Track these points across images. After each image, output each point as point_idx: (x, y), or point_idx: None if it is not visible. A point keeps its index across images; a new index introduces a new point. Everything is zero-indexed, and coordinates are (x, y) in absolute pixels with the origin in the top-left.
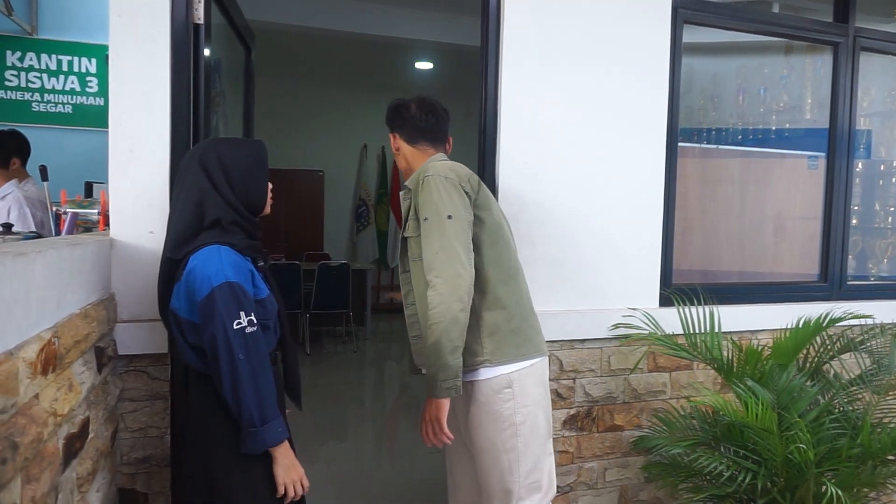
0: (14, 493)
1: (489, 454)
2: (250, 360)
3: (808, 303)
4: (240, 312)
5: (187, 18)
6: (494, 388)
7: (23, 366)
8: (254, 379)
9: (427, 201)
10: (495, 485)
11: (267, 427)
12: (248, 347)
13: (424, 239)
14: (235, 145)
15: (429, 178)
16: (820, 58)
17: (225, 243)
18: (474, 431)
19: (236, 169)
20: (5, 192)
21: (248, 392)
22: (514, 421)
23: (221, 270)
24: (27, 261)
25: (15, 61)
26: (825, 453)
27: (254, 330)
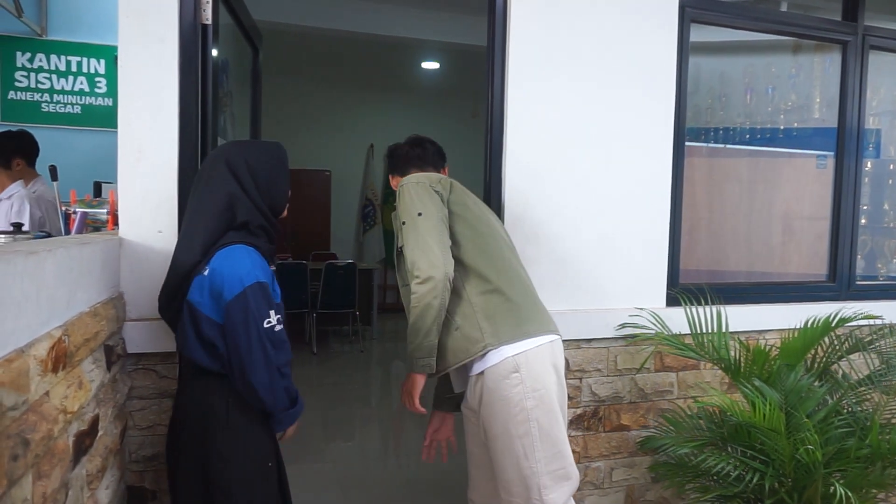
0: (25, 489)
1: (503, 441)
2: (279, 355)
3: (817, 303)
4: (269, 311)
5: (195, 19)
6: (502, 374)
7: (34, 363)
8: (284, 372)
9: (402, 206)
10: (512, 474)
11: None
12: (275, 343)
13: (405, 242)
14: (259, 148)
15: (402, 188)
16: (828, 56)
17: (251, 245)
18: (488, 420)
19: (262, 172)
20: (10, 193)
21: (281, 384)
22: (525, 406)
23: (253, 271)
24: (38, 259)
25: (25, 62)
26: (833, 454)
27: (281, 328)
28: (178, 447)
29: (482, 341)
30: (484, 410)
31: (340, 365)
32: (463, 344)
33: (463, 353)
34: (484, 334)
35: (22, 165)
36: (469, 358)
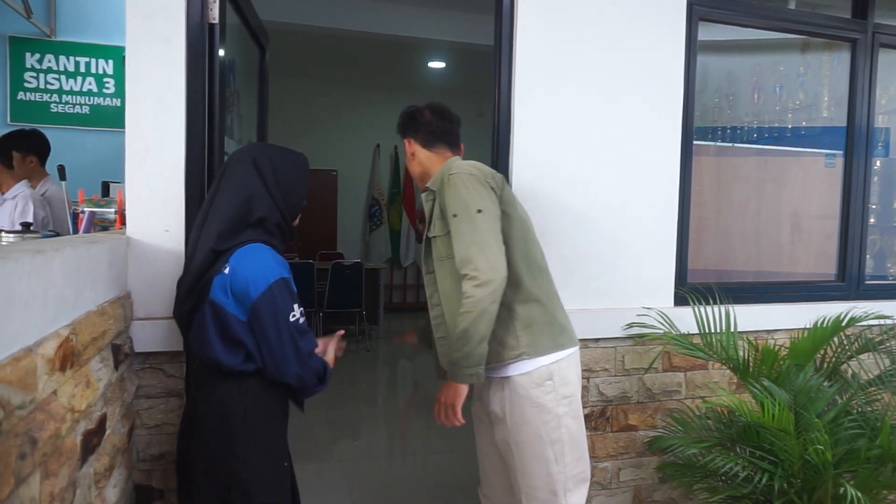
0: (33, 487)
1: (535, 447)
2: (307, 345)
3: (826, 302)
4: (293, 305)
5: (202, 19)
6: (536, 381)
7: (41, 362)
8: (312, 357)
9: (454, 198)
10: (539, 479)
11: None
12: (302, 334)
13: (455, 235)
14: (285, 153)
15: (453, 177)
16: (837, 55)
17: (268, 243)
18: (516, 426)
19: (285, 174)
20: (15, 193)
21: (312, 370)
22: (558, 412)
23: (276, 268)
24: (45, 258)
25: (34, 63)
26: (843, 454)
27: (304, 319)
28: (192, 447)
29: (517, 349)
30: (512, 416)
31: (347, 364)
32: (495, 348)
33: (493, 357)
34: (520, 343)
35: (35, 163)
36: (499, 363)
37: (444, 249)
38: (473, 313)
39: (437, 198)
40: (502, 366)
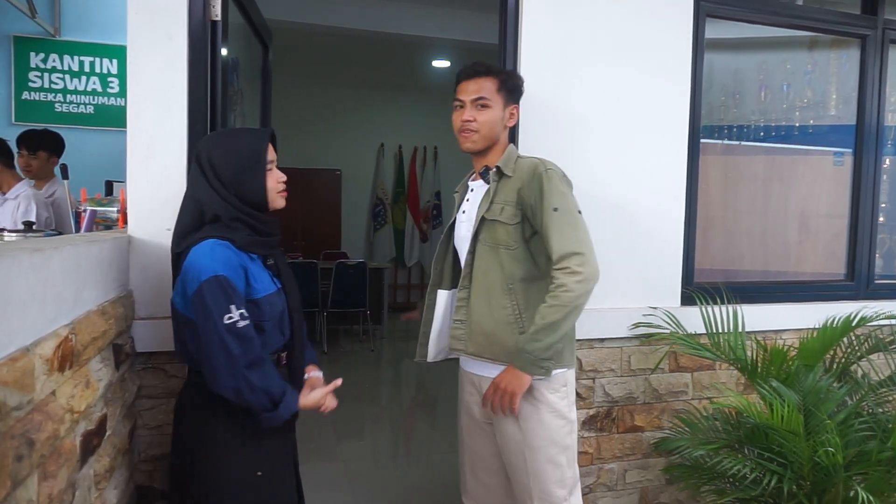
0: (31, 489)
1: (549, 451)
2: (245, 352)
3: (835, 302)
4: (230, 306)
5: (204, 16)
6: (555, 387)
7: (39, 362)
8: (255, 370)
9: (555, 192)
10: (552, 482)
11: (281, 408)
12: (241, 341)
13: (553, 228)
14: (228, 139)
15: (552, 171)
16: (845, 52)
17: (225, 238)
18: (532, 430)
19: (227, 164)
20: (17, 193)
21: (253, 384)
22: (571, 418)
23: (211, 265)
24: (44, 257)
25: (38, 63)
26: (854, 456)
27: (246, 323)
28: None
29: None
30: (528, 420)
31: (351, 364)
32: None
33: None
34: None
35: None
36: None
37: (504, 237)
38: (568, 308)
39: (519, 185)
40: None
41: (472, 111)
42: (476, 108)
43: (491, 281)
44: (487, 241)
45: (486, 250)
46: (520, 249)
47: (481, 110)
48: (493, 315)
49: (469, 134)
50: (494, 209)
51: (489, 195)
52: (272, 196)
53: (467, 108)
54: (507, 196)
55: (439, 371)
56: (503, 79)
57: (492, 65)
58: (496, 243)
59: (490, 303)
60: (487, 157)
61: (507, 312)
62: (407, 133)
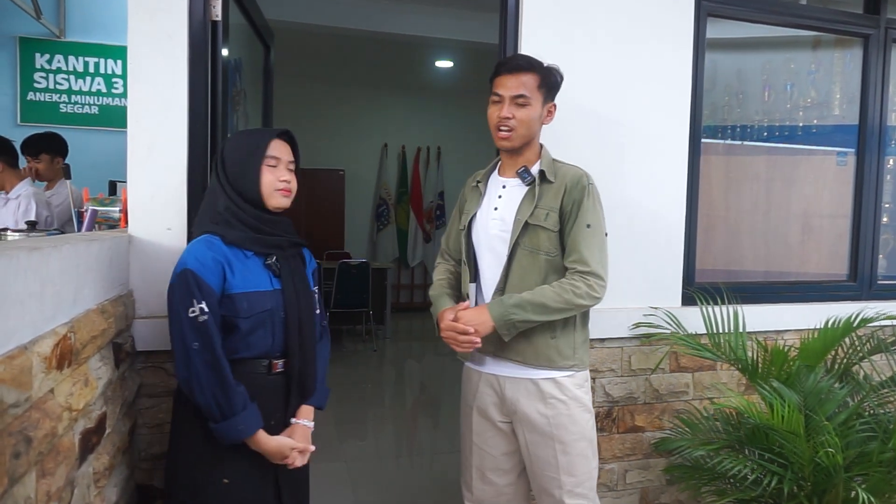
0: (28, 487)
1: (581, 444)
2: (204, 349)
3: (837, 303)
4: (192, 300)
5: (205, 16)
6: (579, 383)
7: (37, 360)
8: (212, 370)
9: (593, 210)
10: (585, 475)
11: (228, 423)
12: (201, 336)
13: (585, 243)
14: (240, 135)
15: (594, 188)
16: (849, 52)
17: (216, 234)
18: (563, 427)
19: (232, 160)
20: (18, 192)
21: (204, 384)
22: (593, 413)
23: (184, 260)
24: (42, 255)
25: (44, 63)
26: (855, 457)
27: (206, 319)
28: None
29: (572, 360)
30: (558, 417)
31: (353, 364)
32: (551, 353)
33: (545, 360)
34: (576, 355)
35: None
36: (548, 367)
37: (546, 243)
38: (568, 307)
39: (564, 194)
40: (550, 369)
41: (511, 108)
42: (515, 105)
43: (528, 286)
44: (528, 246)
45: (526, 254)
46: (559, 256)
47: (520, 108)
48: None
49: (507, 133)
50: (539, 214)
51: (532, 199)
52: (268, 192)
53: (506, 105)
54: (551, 202)
55: (442, 371)
56: (544, 74)
57: (533, 59)
58: (537, 249)
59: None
60: (523, 155)
61: None
62: (410, 133)
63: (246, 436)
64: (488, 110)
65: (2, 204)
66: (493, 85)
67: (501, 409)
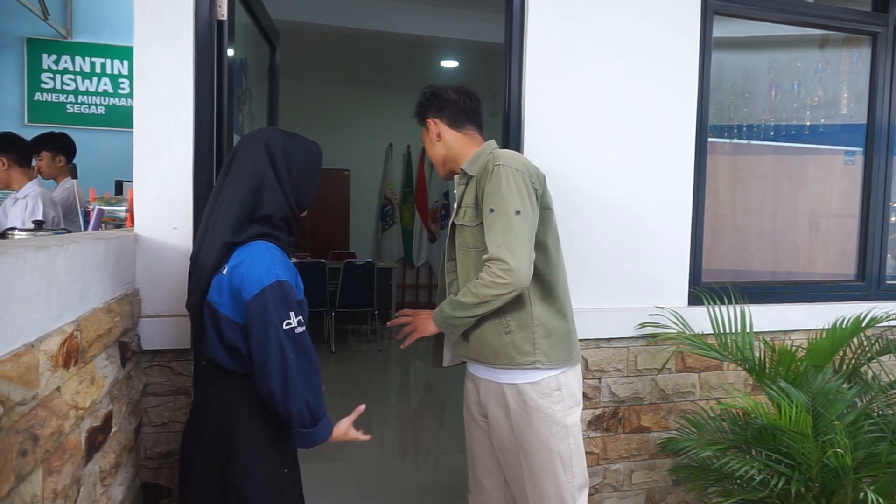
0: (35, 484)
1: (543, 457)
2: (300, 360)
3: (845, 303)
4: (289, 312)
5: (211, 15)
6: (545, 391)
7: (44, 358)
8: (305, 379)
9: (495, 191)
10: (549, 487)
11: (318, 427)
12: (297, 347)
13: (488, 230)
14: (299, 140)
15: (500, 168)
16: (857, 50)
17: (272, 239)
18: (524, 435)
19: (298, 162)
20: (26, 192)
21: (301, 393)
22: (566, 423)
23: (273, 269)
24: (49, 254)
25: (51, 64)
26: (863, 458)
27: (303, 330)
28: (196, 446)
29: (532, 356)
30: (520, 425)
31: (358, 363)
32: (509, 350)
33: (505, 359)
34: (537, 351)
35: (63, 163)
36: (509, 367)
37: (471, 239)
38: (479, 300)
39: (476, 184)
40: (511, 370)
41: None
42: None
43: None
44: (461, 246)
45: (463, 253)
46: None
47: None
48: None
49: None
50: (460, 213)
51: (458, 200)
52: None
53: None
54: (468, 199)
55: (447, 371)
56: (417, 111)
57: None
58: (467, 247)
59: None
60: (456, 167)
61: (492, 313)
62: (415, 133)
63: (328, 436)
64: None
65: (11, 203)
66: None
67: (479, 409)
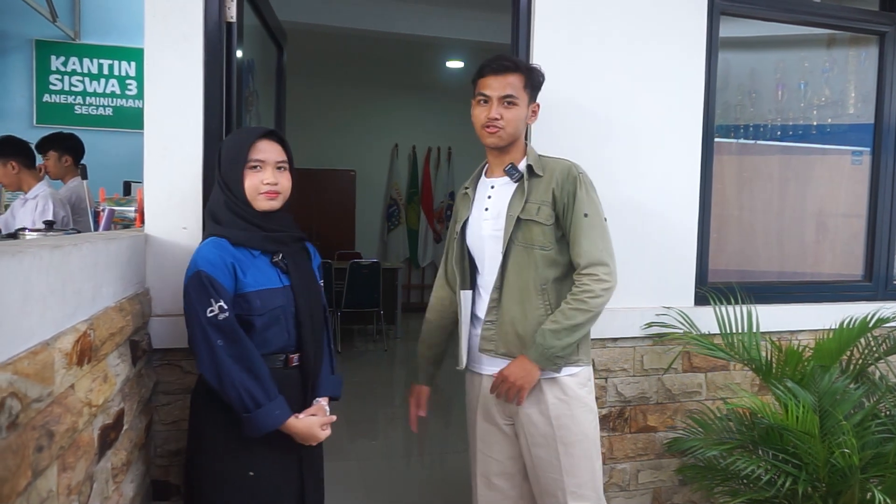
0: (50, 480)
1: (584, 445)
2: (231, 345)
3: (852, 303)
4: (209, 300)
5: (220, 17)
6: (582, 382)
7: (58, 356)
8: (239, 363)
9: (587, 198)
10: (587, 475)
11: (262, 411)
12: (225, 333)
13: (582, 234)
14: (231, 136)
15: (584, 176)
16: (864, 50)
17: (221, 236)
18: (565, 427)
19: (225, 160)
20: (36, 193)
21: (234, 377)
22: (596, 411)
23: (195, 261)
24: (63, 254)
25: (59, 66)
26: (871, 458)
27: (226, 316)
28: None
29: (577, 355)
30: (560, 417)
31: (364, 363)
32: None
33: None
34: (580, 351)
35: (69, 163)
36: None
37: (540, 237)
38: (593, 312)
39: (554, 185)
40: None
41: (500, 109)
42: (503, 105)
43: (525, 282)
44: (521, 242)
45: (520, 251)
46: (553, 250)
47: (508, 108)
48: (526, 316)
49: (496, 130)
50: (530, 209)
51: (522, 195)
52: (251, 195)
53: (493, 105)
54: (541, 196)
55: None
56: (529, 75)
57: (518, 59)
58: (531, 244)
59: (524, 304)
60: (510, 153)
61: (541, 313)
62: (421, 134)
63: (282, 420)
64: (473, 111)
65: (20, 204)
66: (477, 86)
67: (504, 410)
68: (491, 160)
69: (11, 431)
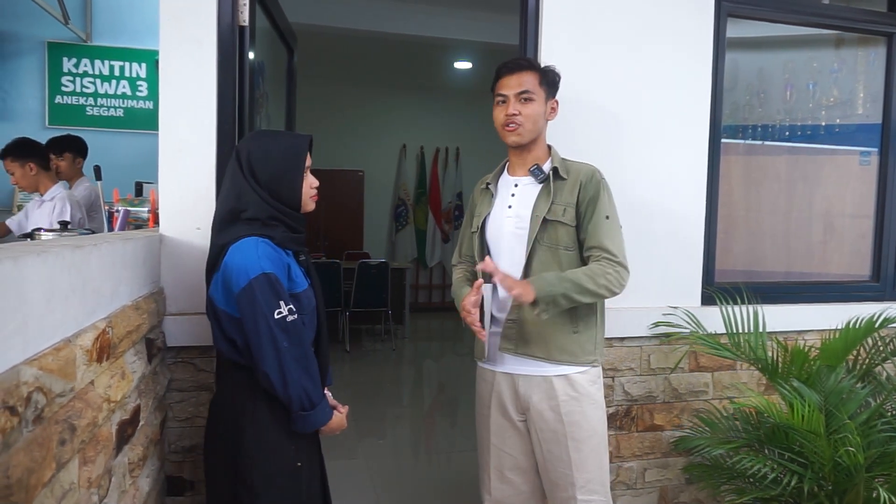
0: (72, 472)
1: (593, 441)
2: (294, 347)
3: (859, 303)
4: (279, 302)
5: (233, 21)
6: (592, 379)
7: (80, 353)
8: (300, 365)
9: (608, 202)
10: (596, 471)
11: (317, 410)
12: (290, 335)
13: (607, 234)
14: (269, 140)
15: (606, 182)
16: (873, 50)
17: (264, 236)
18: (576, 423)
19: (265, 166)
20: (53, 195)
21: (297, 378)
22: (605, 408)
23: (258, 262)
24: (84, 253)
25: (71, 67)
26: (876, 458)
27: (294, 318)
28: (210, 439)
29: (593, 355)
30: (570, 414)
31: (372, 363)
32: (574, 348)
33: (569, 356)
34: (597, 350)
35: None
36: (571, 363)
37: (566, 238)
38: (598, 290)
39: (578, 188)
40: (569, 365)
41: (517, 105)
42: (520, 101)
43: None
44: (547, 242)
45: (545, 251)
46: (577, 251)
47: (525, 104)
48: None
49: (515, 127)
50: (556, 210)
51: (548, 196)
52: (306, 199)
53: (511, 103)
54: (566, 198)
55: (460, 371)
56: (544, 72)
57: (532, 59)
58: (556, 244)
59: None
60: (532, 152)
61: (563, 311)
62: (429, 134)
63: (330, 417)
64: (493, 113)
65: (36, 206)
66: (496, 88)
67: (517, 406)
68: (513, 159)
69: (37, 424)
